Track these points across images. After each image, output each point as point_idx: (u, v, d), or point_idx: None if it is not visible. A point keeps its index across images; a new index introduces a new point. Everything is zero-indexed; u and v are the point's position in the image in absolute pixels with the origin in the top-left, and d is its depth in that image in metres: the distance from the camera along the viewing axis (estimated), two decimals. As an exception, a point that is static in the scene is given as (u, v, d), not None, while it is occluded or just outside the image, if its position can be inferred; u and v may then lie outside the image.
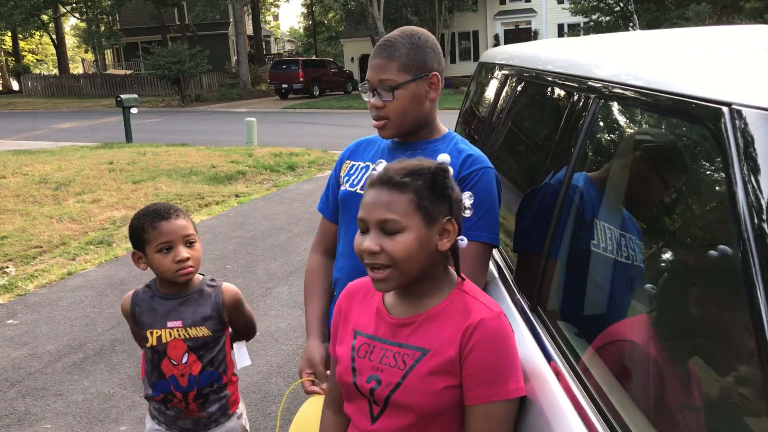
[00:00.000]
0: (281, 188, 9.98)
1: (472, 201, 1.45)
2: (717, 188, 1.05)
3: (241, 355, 2.31)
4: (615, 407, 1.16)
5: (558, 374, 1.38)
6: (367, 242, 1.37)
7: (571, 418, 1.23)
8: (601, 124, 1.60)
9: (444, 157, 1.43)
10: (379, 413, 1.42)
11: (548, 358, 1.46)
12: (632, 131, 1.48)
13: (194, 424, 2.17)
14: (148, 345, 2.12)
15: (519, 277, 1.88)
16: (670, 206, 1.23)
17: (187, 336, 2.11)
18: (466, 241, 1.45)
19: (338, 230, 2.04)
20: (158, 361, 2.12)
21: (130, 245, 6.82)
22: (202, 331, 2.12)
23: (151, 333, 2.11)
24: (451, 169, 1.42)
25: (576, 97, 1.77)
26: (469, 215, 1.46)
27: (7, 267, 6.22)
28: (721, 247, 0.99)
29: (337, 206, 2.04)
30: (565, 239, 1.60)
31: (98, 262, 6.35)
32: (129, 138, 15.75)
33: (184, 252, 2.05)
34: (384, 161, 1.50)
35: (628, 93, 1.45)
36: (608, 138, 1.59)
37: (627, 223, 1.39)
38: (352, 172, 1.99)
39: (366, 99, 1.88)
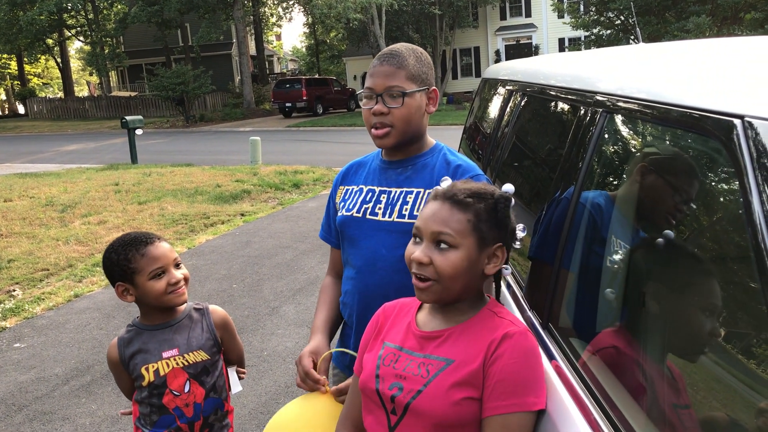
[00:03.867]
0: (286, 206, 9.99)
1: (524, 234, 1.49)
2: (731, 201, 1.03)
3: (233, 380, 2.26)
4: (630, 423, 1.14)
5: (570, 388, 1.36)
6: (417, 252, 1.42)
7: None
8: (609, 138, 1.59)
9: (509, 187, 1.48)
10: (396, 422, 1.42)
11: (560, 373, 1.44)
12: (640, 145, 1.47)
13: None
14: (145, 383, 2.03)
15: (530, 293, 1.86)
16: (684, 220, 1.22)
17: (186, 363, 2.06)
18: (510, 269, 1.48)
19: (341, 255, 2.05)
20: (159, 397, 2.04)
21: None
22: (201, 356, 2.08)
23: (147, 369, 2.03)
24: (513, 200, 1.47)
25: (582, 112, 1.76)
26: (519, 247, 1.49)
27: (14, 290, 6.22)
28: (736, 259, 0.98)
29: (338, 232, 2.05)
30: (576, 255, 1.59)
31: (105, 284, 6.35)
32: (134, 159, 15.82)
33: (177, 274, 2.03)
34: (449, 179, 1.53)
35: (635, 107, 1.44)
36: (617, 152, 1.58)
37: (639, 238, 1.38)
38: (347, 197, 2.00)
39: (366, 106, 1.86)
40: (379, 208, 1.91)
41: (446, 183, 1.50)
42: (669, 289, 1.22)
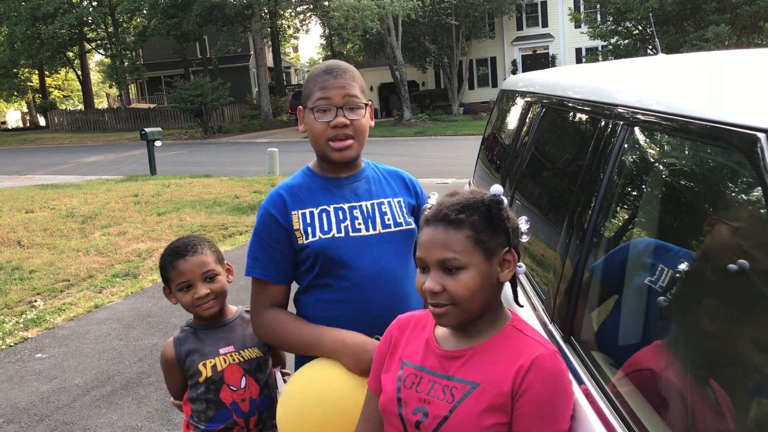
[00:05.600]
0: (304, 217, 10.00)
1: (528, 225, 1.44)
2: (755, 213, 1.03)
3: (279, 381, 2.30)
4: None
5: (592, 403, 1.35)
6: (428, 282, 1.36)
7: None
8: (630, 150, 1.58)
9: (496, 188, 1.41)
10: None
11: (581, 384, 1.43)
12: (662, 157, 1.47)
13: None
14: (202, 379, 2.08)
15: (551, 307, 1.85)
16: (705, 230, 1.21)
17: (242, 359, 2.12)
18: (524, 267, 1.44)
19: (320, 281, 1.88)
20: (216, 392, 2.09)
21: (156, 277, 6.84)
22: (255, 352, 2.14)
23: (204, 365, 2.09)
24: (505, 200, 1.40)
25: (603, 124, 1.76)
26: (526, 240, 1.44)
27: (36, 301, 6.29)
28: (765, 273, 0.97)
29: (283, 267, 1.89)
30: (599, 269, 1.58)
31: (125, 295, 6.40)
32: (153, 170, 15.97)
33: (202, 289, 2.07)
34: (436, 194, 1.49)
35: (656, 119, 1.44)
36: (638, 164, 1.58)
37: (659, 250, 1.37)
38: (310, 221, 1.86)
39: (324, 119, 1.81)
40: (359, 224, 1.87)
41: (433, 200, 1.45)
42: (689, 300, 1.21)
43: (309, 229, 1.86)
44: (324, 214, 1.87)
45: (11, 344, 5.27)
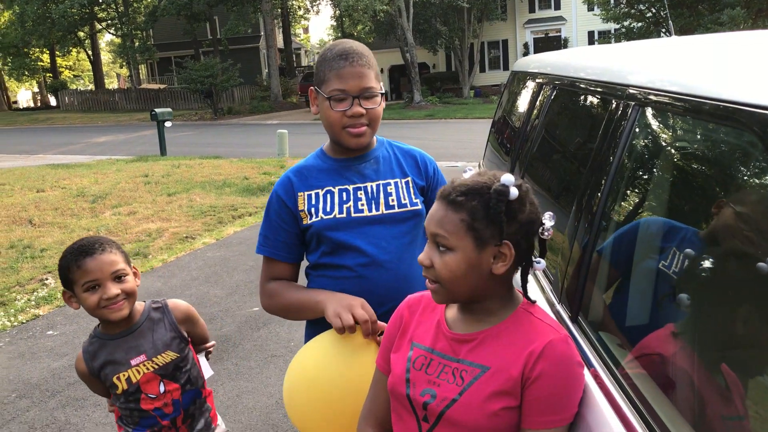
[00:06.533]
0: (313, 199, 10.01)
1: (552, 222, 1.36)
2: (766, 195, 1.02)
3: (205, 366, 2.26)
4: (661, 419, 1.14)
5: (601, 385, 1.36)
6: (421, 254, 1.38)
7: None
8: (641, 131, 1.57)
9: (507, 178, 1.33)
10: (428, 430, 1.38)
11: (589, 366, 1.43)
12: (673, 138, 1.46)
13: None
14: (119, 391, 2.02)
15: (560, 287, 1.85)
16: (717, 212, 1.20)
17: (156, 366, 2.04)
18: (543, 263, 1.39)
19: (324, 260, 1.92)
20: (136, 402, 2.04)
21: (165, 256, 6.85)
22: (169, 356, 2.06)
23: (119, 378, 2.01)
24: (513, 191, 1.31)
25: (614, 105, 1.75)
26: (548, 236, 1.36)
27: (47, 279, 6.34)
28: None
29: (289, 245, 1.95)
30: (608, 249, 1.58)
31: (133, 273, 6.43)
32: (163, 151, 16.00)
33: (113, 289, 1.93)
34: (471, 170, 1.44)
35: (668, 100, 1.43)
36: (649, 146, 1.57)
37: (670, 231, 1.37)
38: (315, 202, 1.90)
39: (339, 108, 1.81)
40: (362, 204, 1.88)
41: (465, 175, 1.41)
42: (699, 282, 1.20)
43: (313, 209, 1.90)
44: (328, 195, 1.90)
45: (23, 321, 5.33)
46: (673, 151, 1.46)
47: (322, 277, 1.94)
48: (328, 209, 1.89)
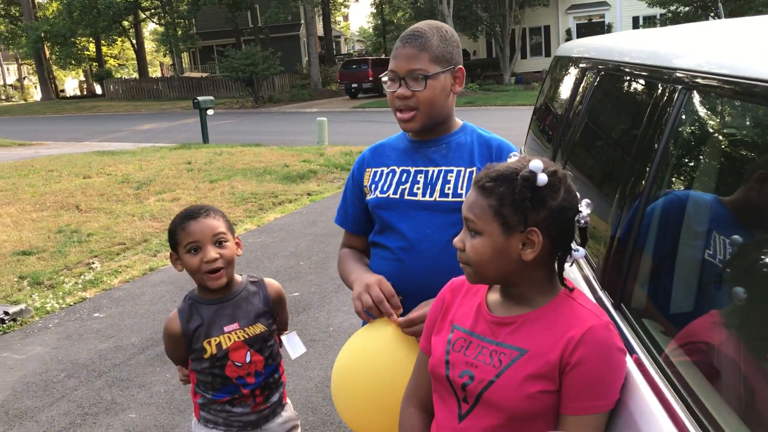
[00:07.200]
0: (352, 186, 10.05)
1: (589, 210, 1.35)
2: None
3: (294, 344, 2.30)
4: (706, 407, 1.12)
5: (644, 372, 1.34)
6: (456, 237, 1.41)
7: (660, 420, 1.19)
8: (688, 117, 1.54)
9: (535, 165, 1.31)
10: (467, 411, 1.39)
11: (632, 353, 1.41)
12: (721, 123, 1.42)
13: (257, 417, 2.18)
14: (207, 356, 2.08)
15: (602, 274, 1.82)
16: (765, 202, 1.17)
17: (246, 336, 2.10)
18: (582, 251, 1.37)
19: (376, 239, 1.99)
20: (221, 368, 2.10)
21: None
22: (259, 328, 2.13)
23: (209, 342, 2.08)
24: (541, 177, 1.31)
25: (660, 90, 1.71)
26: (585, 224, 1.36)
27: (93, 263, 6.51)
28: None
29: (359, 219, 2.06)
30: (652, 236, 1.55)
31: (177, 259, 6.56)
32: (205, 138, 16.22)
33: (212, 252, 2.00)
34: (517, 155, 1.44)
35: (717, 83, 1.39)
36: (695, 131, 1.53)
37: (715, 219, 1.34)
38: (377, 179, 1.95)
39: (390, 89, 1.84)
40: (418, 188, 1.87)
41: (510, 159, 1.41)
42: (747, 270, 1.18)
43: (373, 186, 1.96)
44: (390, 174, 1.93)
45: (71, 303, 5.48)
46: (720, 136, 1.42)
47: (374, 256, 2.00)
48: (385, 188, 1.92)
